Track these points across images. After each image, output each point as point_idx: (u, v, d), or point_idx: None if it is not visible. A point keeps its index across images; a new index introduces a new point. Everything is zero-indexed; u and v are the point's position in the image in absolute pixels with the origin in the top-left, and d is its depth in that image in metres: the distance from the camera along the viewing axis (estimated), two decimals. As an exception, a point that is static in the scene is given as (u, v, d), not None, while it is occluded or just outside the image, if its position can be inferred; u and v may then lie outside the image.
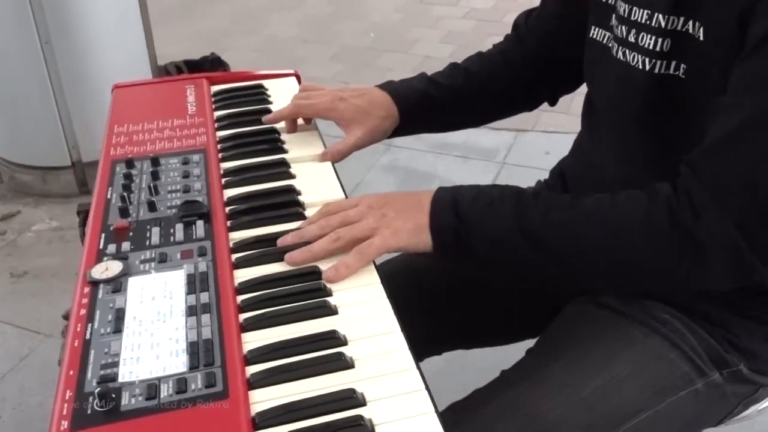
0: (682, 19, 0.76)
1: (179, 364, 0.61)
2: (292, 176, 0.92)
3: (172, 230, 0.79)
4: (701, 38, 0.74)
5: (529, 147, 2.73)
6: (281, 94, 1.17)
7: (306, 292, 0.71)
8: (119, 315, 0.67)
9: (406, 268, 1.01)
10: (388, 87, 1.02)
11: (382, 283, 0.74)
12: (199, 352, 0.62)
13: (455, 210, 0.78)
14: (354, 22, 4.14)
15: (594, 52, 0.92)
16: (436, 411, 0.58)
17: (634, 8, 0.81)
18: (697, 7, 0.74)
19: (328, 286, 0.72)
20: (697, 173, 0.71)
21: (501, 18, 4.20)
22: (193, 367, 0.61)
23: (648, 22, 0.79)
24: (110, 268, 0.73)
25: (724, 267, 0.71)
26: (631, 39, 0.81)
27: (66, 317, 0.80)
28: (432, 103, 1.02)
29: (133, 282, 0.71)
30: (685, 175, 0.72)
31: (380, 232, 0.77)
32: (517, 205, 0.78)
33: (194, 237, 0.78)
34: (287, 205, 0.85)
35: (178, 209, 0.82)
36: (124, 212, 0.82)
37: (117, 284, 0.71)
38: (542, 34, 1.04)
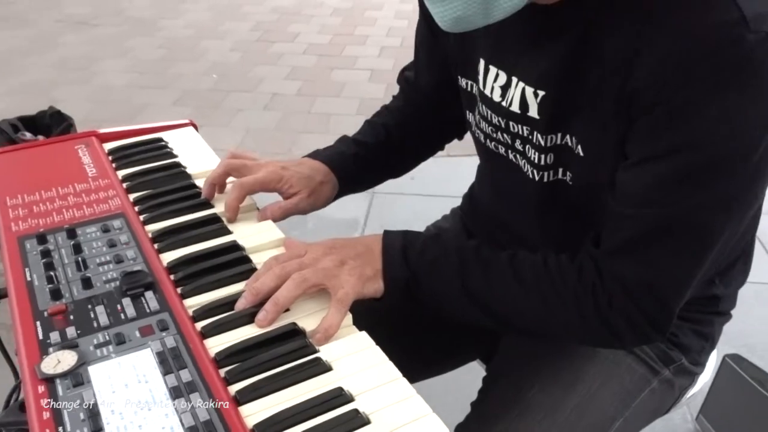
0: (559, 135, 0.78)
1: (184, 454, 0.55)
2: (229, 232, 0.87)
3: (119, 306, 0.72)
4: (581, 153, 0.77)
5: (394, 174, 2.79)
6: (182, 145, 1.11)
7: (291, 353, 0.67)
8: (93, 411, 0.59)
9: None
10: (319, 156, 1.00)
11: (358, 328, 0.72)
12: (202, 437, 0.57)
13: (406, 262, 0.79)
14: (191, 64, 4.02)
15: (478, 136, 0.93)
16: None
17: (511, 123, 0.82)
18: (570, 126, 0.76)
19: (312, 341, 0.69)
20: (606, 271, 0.74)
21: (340, 52, 4.29)
22: (201, 454, 0.55)
23: (530, 137, 0.81)
24: (63, 359, 0.64)
25: (632, 341, 0.79)
26: (519, 147, 0.84)
27: (6, 425, 0.70)
28: (364, 163, 1.02)
29: (95, 371, 0.64)
30: (598, 271, 0.75)
31: (346, 280, 0.75)
32: (461, 263, 0.79)
33: (148, 311, 0.71)
34: (236, 262, 0.80)
35: (120, 282, 0.75)
36: (55, 294, 0.73)
37: (77, 377, 0.63)
38: (425, 94, 1.06)
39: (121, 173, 1.01)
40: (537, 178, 0.82)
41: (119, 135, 1.14)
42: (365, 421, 0.59)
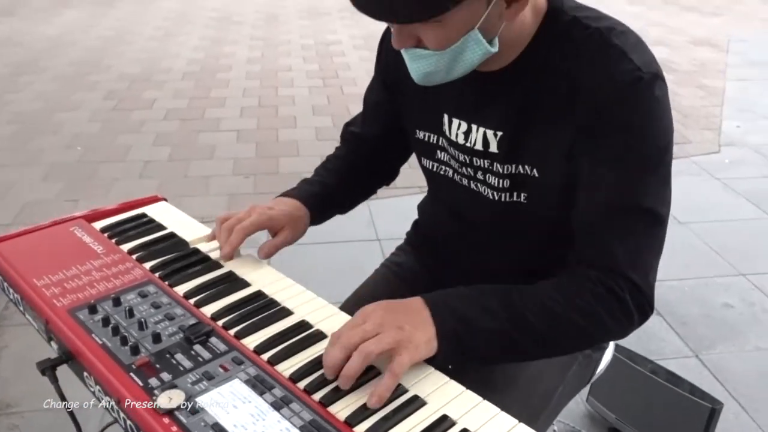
0: (514, 165, 1.01)
1: (306, 444, 0.74)
2: (248, 284, 1.05)
3: (193, 352, 0.88)
4: (536, 175, 1.00)
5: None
6: (165, 217, 1.27)
7: (347, 365, 0.87)
8: (220, 428, 0.76)
9: None
10: (290, 194, 1.20)
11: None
12: (315, 431, 0.75)
13: (454, 315, 0.90)
14: (50, 137, 3.96)
15: (435, 178, 1.16)
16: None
17: (474, 158, 1.05)
18: (522, 156, 1.00)
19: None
20: (604, 270, 0.93)
21: (202, 115, 4.41)
22: (319, 442, 0.74)
23: (490, 167, 1.04)
24: (173, 397, 0.80)
25: (639, 320, 0.97)
26: (480, 177, 1.07)
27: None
28: (325, 198, 1.23)
29: (203, 401, 0.80)
30: (599, 275, 0.93)
31: (405, 347, 0.84)
32: (501, 298, 0.93)
33: (219, 352, 0.88)
34: (269, 306, 0.99)
35: (185, 333, 0.91)
36: (134, 350, 0.88)
37: (192, 407, 0.79)
38: (370, 143, 1.29)
39: (125, 247, 1.14)
40: (496, 199, 1.06)
41: (102, 214, 1.26)
42: (423, 402, 0.81)
